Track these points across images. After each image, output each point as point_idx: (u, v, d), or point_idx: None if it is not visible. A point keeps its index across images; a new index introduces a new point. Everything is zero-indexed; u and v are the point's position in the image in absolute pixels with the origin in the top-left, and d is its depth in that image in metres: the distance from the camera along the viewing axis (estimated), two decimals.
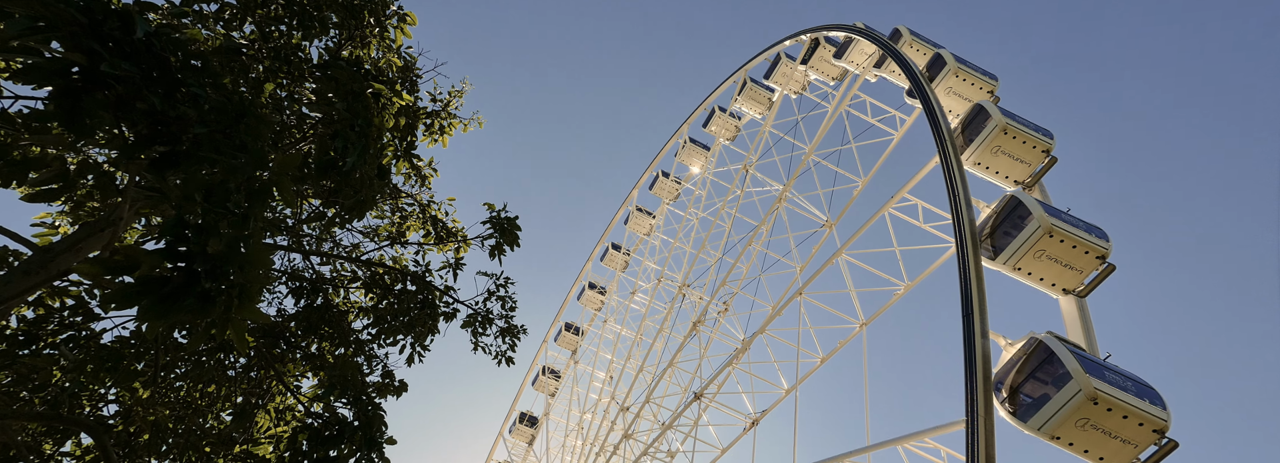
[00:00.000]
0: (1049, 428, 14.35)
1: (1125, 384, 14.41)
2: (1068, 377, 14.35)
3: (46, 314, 7.00)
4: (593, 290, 60.43)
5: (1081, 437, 14.24)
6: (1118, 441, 14.10)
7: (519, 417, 61.11)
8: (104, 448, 6.78)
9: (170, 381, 9.19)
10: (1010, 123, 20.66)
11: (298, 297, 10.66)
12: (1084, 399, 13.84)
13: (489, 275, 10.33)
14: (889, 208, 27.16)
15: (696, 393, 37.13)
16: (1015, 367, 15.76)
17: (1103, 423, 14.01)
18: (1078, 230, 17.60)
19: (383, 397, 10.73)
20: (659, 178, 54.96)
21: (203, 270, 4.83)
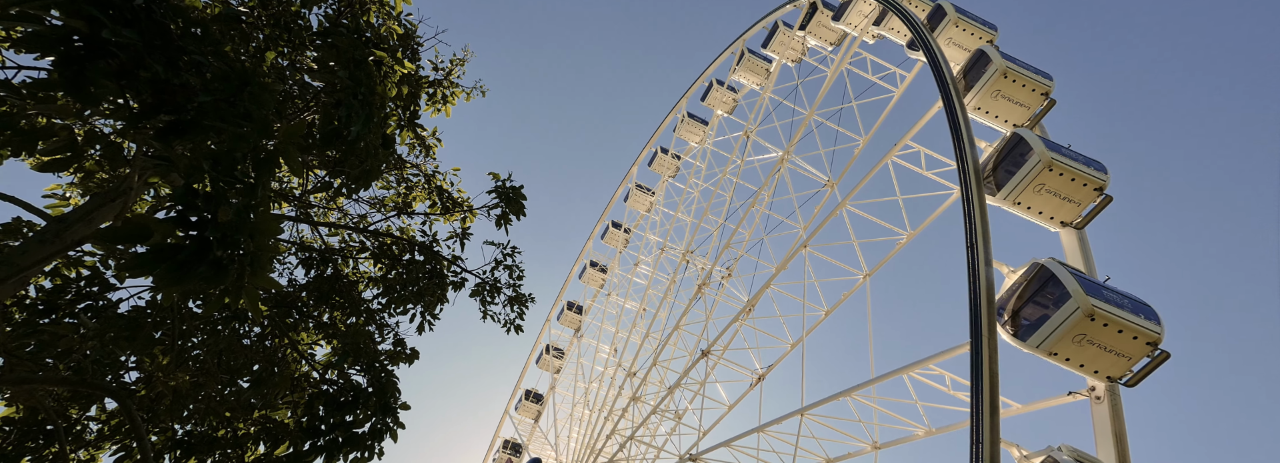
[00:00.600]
0: (1047, 345, 15.09)
1: (1121, 302, 15.15)
2: (1067, 296, 15.05)
3: (64, 284, 7.14)
4: (594, 269, 60.73)
5: (1078, 352, 14.99)
6: (1112, 354, 14.85)
7: (525, 394, 62.18)
8: (129, 412, 7.01)
9: (188, 349, 9.41)
10: (1010, 66, 20.96)
11: (308, 267, 10.80)
12: (1082, 316, 14.57)
13: (496, 245, 10.42)
14: (892, 156, 27.43)
15: (704, 350, 37.64)
16: (1017, 292, 16.47)
17: (1099, 338, 14.74)
18: (1077, 163, 18.13)
19: (395, 364, 10.96)
20: (657, 154, 54.66)
21: (214, 239, 4.91)
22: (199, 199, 4.85)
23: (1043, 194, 18.27)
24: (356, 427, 9.44)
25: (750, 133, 41.97)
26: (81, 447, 8.04)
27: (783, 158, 36.64)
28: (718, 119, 48.78)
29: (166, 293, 6.16)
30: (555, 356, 62.30)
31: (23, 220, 6.35)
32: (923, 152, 27.13)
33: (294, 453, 9.27)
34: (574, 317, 61.38)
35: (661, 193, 55.64)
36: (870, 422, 27.08)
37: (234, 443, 9.72)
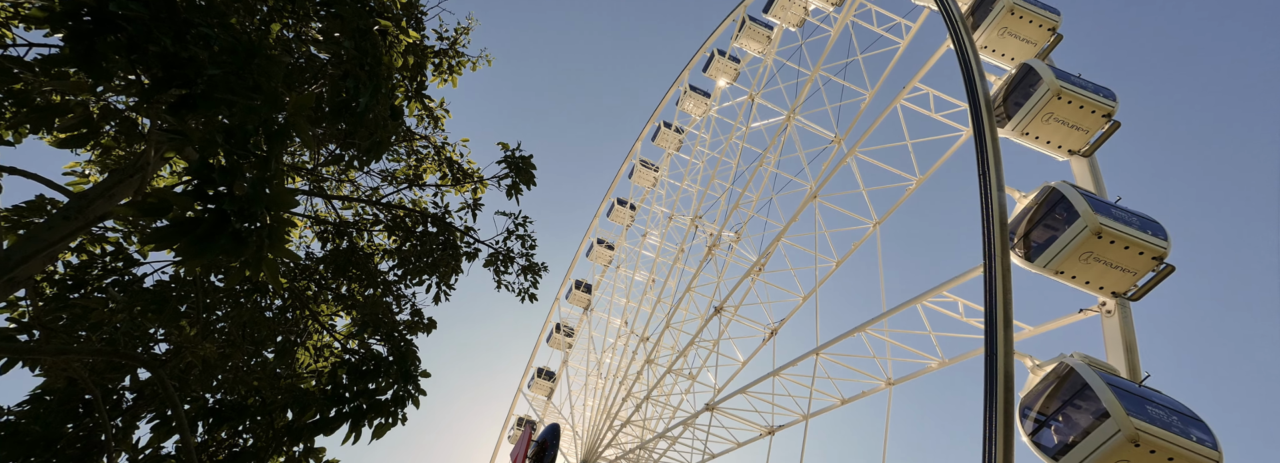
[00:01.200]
0: (1055, 263, 15.63)
1: (1129, 219, 15.59)
2: (1076, 215, 15.51)
3: (90, 260, 7.34)
4: (601, 246, 60.90)
5: (1085, 269, 15.54)
6: (1118, 270, 15.40)
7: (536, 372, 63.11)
8: (161, 382, 7.28)
9: (212, 321, 9.68)
10: (1017, 2, 21.05)
11: (324, 240, 10.98)
12: (1090, 234, 15.04)
13: (507, 215, 10.51)
14: (901, 99, 27.39)
15: (716, 307, 38.01)
16: (1028, 215, 16.96)
17: (1105, 255, 15.22)
18: (1086, 91, 18.30)
19: (413, 334, 11.21)
20: (660, 129, 54.19)
21: (232, 212, 5.01)
22: (215, 173, 4.93)
23: (1052, 123, 18.56)
24: (379, 394, 9.72)
25: (755, 97, 41.45)
26: (118, 415, 8.38)
27: (788, 117, 36.30)
28: (720, 90, 48.16)
29: (189, 265, 6.33)
30: (565, 334, 63.02)
31: (46, 198, 6.50)
32: (931, 94, 27.03)
33: (321, 419, 9.59)
34: (582, 296, 61.85)
35: (666, 168, 55.36)
36: (884, 357, 27.54)
37: (263, 410, 10.05)
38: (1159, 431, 12.94)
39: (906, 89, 26.96)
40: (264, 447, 9.71)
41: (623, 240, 59.43)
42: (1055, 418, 14.45)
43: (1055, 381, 14.63)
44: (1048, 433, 14.57)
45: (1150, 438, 12.78)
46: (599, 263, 61.23)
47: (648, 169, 56.47)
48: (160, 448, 8.95)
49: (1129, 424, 12.81)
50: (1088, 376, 13.87)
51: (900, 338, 26.81)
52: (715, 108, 48.68)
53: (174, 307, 8.22)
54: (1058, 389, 14.53)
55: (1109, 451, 13.02)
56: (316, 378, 10.80)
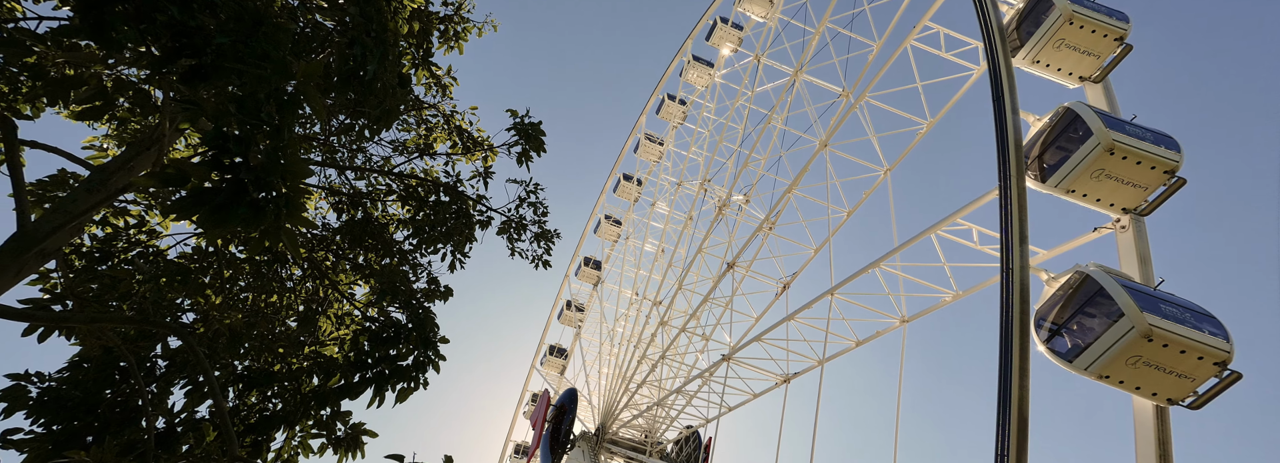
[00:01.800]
0: (1067, 182, 15.99)
1: (1143, 134, 15.80)
2: (1090, 133, 15.77)
3: (115, 233, 7.52)
4: (609, 222, 60.95)
5: (1096, 187, 15.88)
6: (1130, 186, 15.72)
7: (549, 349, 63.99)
8: (191, 349, 7.53)
9: (236, 292, 9.93)
10: None
11: (339, 211, 11.13)
12: (1103, 150, 15.33)
13: (518, 182, 10.56)
14: (911, 39, 27.15)
15: (728, 263, 38.31)
16: (1041, 137, 17.28)
17: (1117, 171, 15.52)
18: (1098, 14, 18.41)
19: (431, 301, 11.43)
20: (664, 102, 53.49)
21: (248, 181, 5.10)
22: (230, 143, 5.00)
23: (1063, 50, 18.61)
24: (401, 360, 9.98)
25: (760, 57, 40.73)
26: (153, 382, 8.71)
27: (795, 73, 35.77)
28: (724, 58, 47.36)
29: (211, 236, 6.48)
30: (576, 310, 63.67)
31: (67, 172, 6.64)
32: (941, 32, 26.71)
33: (346, 385, 9.89)
34: (592, 272, 62.27)
35: (671, 141, 54.92)
36: (898, 294, 27.84)
37: (289, 377, 10.38)
38: (1172, 325, 13.21)
39: (917, 28, 26.74)
40: (293, 411, 10.06)
41: (630, 214, 59.51)
42: (1070, 324, 14.78)
43: (1070, 289, 14.92)
44: (1062, 340, 14.91)
45: (1163, 333, 13.05)
46: (607, 240, 61.48)
47: (653, 144, 56.06)
48: (195, 412, 9.33)
49: (1142, 320, 13.06)
50: (1102, 279, 14.14)
51: (914, 272, 27.04)
52: (719, 74, 47.95)
53: (198, 278, 8.44)
54: (1073, 296, 14.84)
55: (1123, 347, 13.33)
56: (339, 345, 11.11)
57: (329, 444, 10.07)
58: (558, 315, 65.04)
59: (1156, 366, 13.31)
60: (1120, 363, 13.47)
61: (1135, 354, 13.32)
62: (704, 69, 49.98)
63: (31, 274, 5.58)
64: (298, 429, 10.11)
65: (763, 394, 38.33)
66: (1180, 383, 13.41)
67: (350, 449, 10.09)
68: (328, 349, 11.02)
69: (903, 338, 28.13)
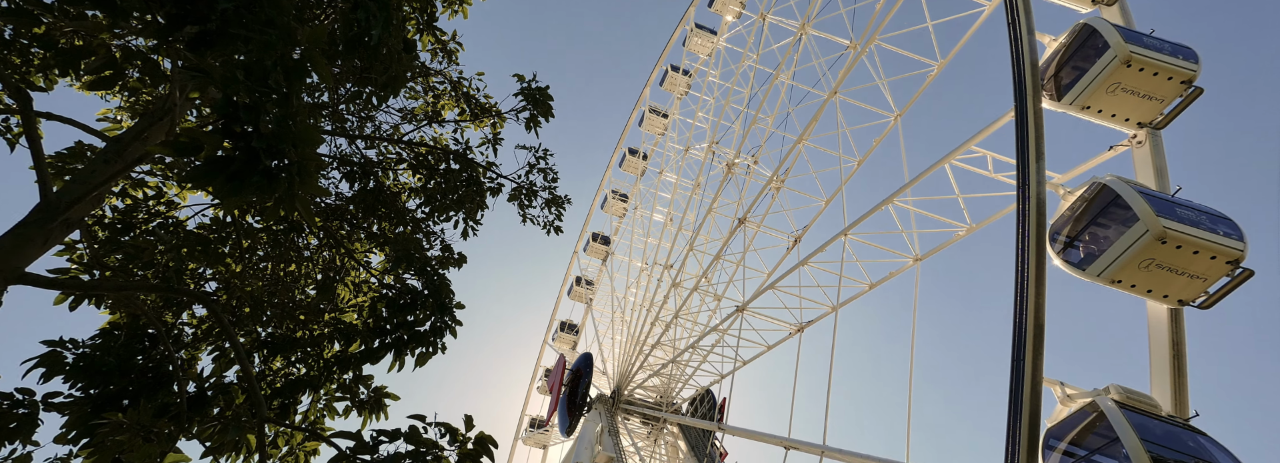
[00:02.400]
0: (1083, 99, 16.12)
1: (1160, 45, 15.87)
2: (1106, 46, 15.79)
3: (135, 204, 7.67)
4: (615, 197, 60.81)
5: (1112, 102, 16.00)
6: (1146, 99, 15.83)
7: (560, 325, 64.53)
8: (216, 316, 7.77)
9: (255, 261, 10.16)
10: None
11: (351, 180, 11.23)
12: (1119, 64, 15.39)
13: (528, 149, 10.57)
14: None
15: (740, 218, 38.48)
16: (1057, 56, 17.29)
17: (1134, 84, 15.62)
18: None
19: (445, 268, 11.62)
20: (668, 73, 52.64)
21: (260, 149, 5.16)
22: (240, 111, 5.05)
23: None
24: (418, 325, 10.21)
25: (766, 15, 39.85)
26: (181, 348, 9.02)
27: (801, 28, 35.06)
28: (727, 24, 46.38)
29: (227, 206, 6.60)
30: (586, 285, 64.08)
31: (84, 144, 6.74)
32: None
33: (366, 350, 10.17)
34: (600, 248, 62.47)
35: (676, 111, 54.31)
36: (911, 231, 27.91)
37: (311, 343, 10.69)
38: (1185, 227, 13.39)
39: None
40: (317, 376, 10.39)
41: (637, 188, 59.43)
42: (1085, 234, 15.03)
43: (1086, 200, 15.13)
44: (1076, 251, 15.15)
45: (1176, 234, 13.23)
46: (614, 215, 61.55)
47: (657, 116, 55.49)
48: (223, 377, 9.67)
49: (1156, 223, 13.27)
50: (1118, 187, 14.33)
51: (928, 207, 27.01)
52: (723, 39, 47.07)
53: (217, 247, 8.64)
54: (1089, 206, 15.04)
55: (1137, 250, 13.58)
56: (358, 312, 11.38)
57: (353, 407, 10.43)
58: (567, 292, 65.57)
59: (1169, 268, 13.52)
60: (1133, 267, 13.69)
61: (1149, 257, 13.51)
62: (707, 37, 49.14)
63: (57, 244, 5.76)
64: (322, 393, 10.46)
65: (777, 345, 38.73)
66: (1192, 284, 13.66)
67: (374, 411, 10.45)
68: (347, 316, 11.30)
69: (916, 277, 28.17)
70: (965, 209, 25.61)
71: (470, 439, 6.90)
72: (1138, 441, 12.23)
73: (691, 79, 52.88)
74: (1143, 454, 11.79)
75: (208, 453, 8.24)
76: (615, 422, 45.47)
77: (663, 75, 53.50)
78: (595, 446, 39.91)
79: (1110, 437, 12.81)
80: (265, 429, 8.34)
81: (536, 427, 62.72)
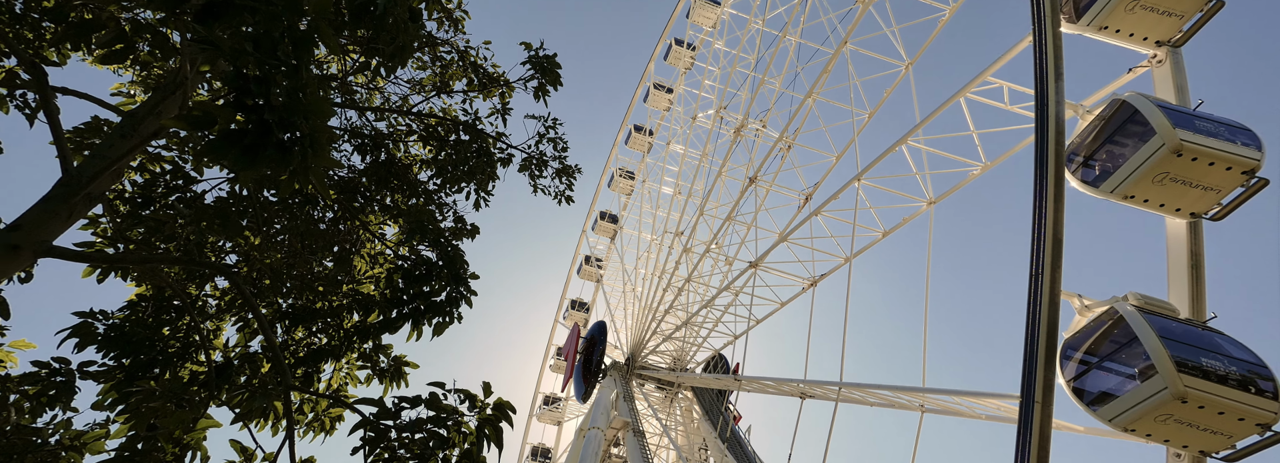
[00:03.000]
0: (1101, 18, 16.00)
1: None
2: None
3: (153, 178, 7.80)
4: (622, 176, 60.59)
5: (1131, 21, 15.85)
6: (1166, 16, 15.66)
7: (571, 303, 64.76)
8: (238, 287, 7.97)
9: (273, 234, 10.32)
10: None
11: (362, 153, 11.29)
12: None
13: (537, 118, 10.52)
14: None
15: (750, 177, 38.42)
16: None
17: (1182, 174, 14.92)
18: None
19: (459, 239, 11.75)
20: (671, 47, 51.65)
21: (273, 121, 5.21)
22: (250, 83, 5.08)
23: None
24: (434, 296, 10.39)
25: None
26: (206, 319, 9.28)
27: None
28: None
29: (243, 179, 6.69)
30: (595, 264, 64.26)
31: (100, 119, 6.82)
32: None
33: (385, 320, 10.40)
34: (609, 226, 62.46)
35: (681, 85, 53.53)
36: (925, 172, 27.80)
37: (331, 313, 10.93)
38: (1202, 138, 13.43)
39: None
40: (338, 345, 10.66)
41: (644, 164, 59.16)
42: (1102, 151, 15.12)
43: (1104, 119, 15.15)
44: (1091, 169, 15.31)
45: (1192, 146, 13.26)
46: (622, 193, 61.42)
47: (661, 92, 54.76)
48: (248, 347, 9.95)
49: (1173, 136, 13.31)
50: (1137, 102, 14.28)
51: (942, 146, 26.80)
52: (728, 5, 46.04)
53: (236, 220, 8.78)
54: (1106, 124, 15.09)
55: (1154, 164, 13.70)
56: (375, 283, 11.58)
57: (374, 375, 10.73)
58: (577, 270, 65.85)
59: (1183, 181, 13.60)
60: (1147, 182, 13.78)
61: (1163, 171, 13.53)
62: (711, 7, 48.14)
63: (81, 218, 5.90)
64: (344, 362, 10.76)
65: (790, 301, 38.85)
66: (1205, 196, 13.77)
67: (394, 379, 10.75)
68: (364, 287, 11.51)
69: (930, 220, 28.09)
70: (980, 146, 25.32)
71: (489, 405, 7.08)
72: (1157, 339, 12.34)
73: (696, 52, 52.07)
74: (1162, 351, 11.93)
75: (237, 419, 8.56)
76: (630, 388, 46.31)
77: (667, 49, 52.69)
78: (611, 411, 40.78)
79: (1129, 338, 12.91)
80: (291, 396, 8.61)
81: (550, 404, 63.80)
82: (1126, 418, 12.62)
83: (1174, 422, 12.23)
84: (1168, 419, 12.22)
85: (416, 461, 6.84)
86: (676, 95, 54.28)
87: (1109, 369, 13.45)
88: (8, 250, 5.02)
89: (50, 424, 6.79)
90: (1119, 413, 12.76)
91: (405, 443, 6.95)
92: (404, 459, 6.94)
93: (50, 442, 6.57)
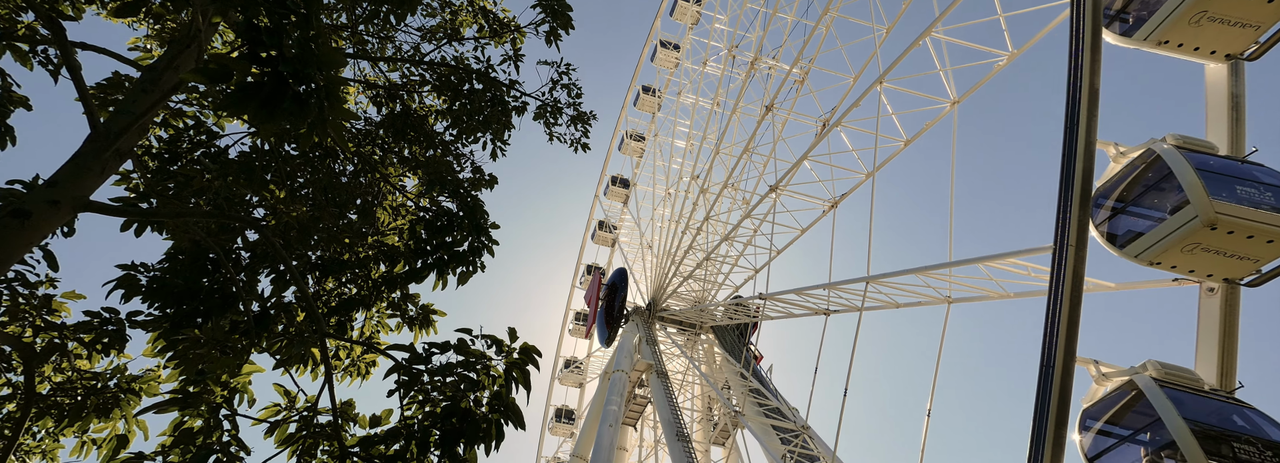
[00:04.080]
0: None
1: None
2: None
3: (178, 134, 7.94)
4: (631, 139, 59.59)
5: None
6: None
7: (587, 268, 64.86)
8: (268, 240, 8.22)
9: (297, 188, 10.52)
10: None
11: (377, 105, 11.30)
12: None
13: (550, 64, 10.37)
14: None
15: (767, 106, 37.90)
16: None
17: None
18: None
19: (477, 190, 11.88)
20: (677, 3, 49.46)
21: (288, 73, 5.23)
22: (262, 34, 5.07)
23: None
24: (456, 246, 10.62)
25: None
26: (241, 271, 9.62)
27: None
28: None
29: (264, 132, 6.79)
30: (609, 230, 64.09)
31: (121, 74, 6.89)
32: None
33: (410, 270, 10.70)
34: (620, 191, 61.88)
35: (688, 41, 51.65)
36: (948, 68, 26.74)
37: (358, 265, 11.26)
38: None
39: None
40: (367, 295, 11.04)
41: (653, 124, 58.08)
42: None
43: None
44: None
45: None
46: (633, 155, 60.65)
47: (668, 50, 52.98)
48: (282, 297, 10.35)
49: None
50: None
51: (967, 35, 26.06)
52: None
53: (260, 175, 8.96)
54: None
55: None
56: (398, 234, 11.84)
57: (404, 323, 11.14)
58: (592, 236, 65.83)
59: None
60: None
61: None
62: None
63: (114, 174, 6.07)
64: (374, 311, 11.16)
65: (811, 226, 38.66)
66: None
67: (423, 327, 11.16)
68: (389, 239, 11.78)
69: (954, 121, 27.35)
70: (1007, 31, 24.18)
71: (515, 350, 7.34)
72: (1192, 169, 12.14)
73: (701, 6, 50.14)
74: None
75: (279, 365, 9.00)
76: (652, 332, 47.43)
77: (672, 5, 50.78)
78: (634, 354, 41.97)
79: (1163, 174, 12.74)
80: (327, 344, 9.01)
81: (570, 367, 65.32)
82: (1155, 251, 12.60)
83: (1201, 250, 12.19)
84: (1195, 249, 12.18)
85: (449, 402, 7.16)
86: (684, 53, 52.72)
87: (1140, 208, 13.47)
88: (49, 206, 5.23)
89: (108, 369, 7.23)
90: (1148, 246, 12.73)
91: (437, 386, 7.26)
92: (437, 402, 7.26)
93: (109, 385, 7.02)
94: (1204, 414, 11.98)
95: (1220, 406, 12.50)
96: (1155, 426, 12.07)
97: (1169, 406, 11.88)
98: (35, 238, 5.40)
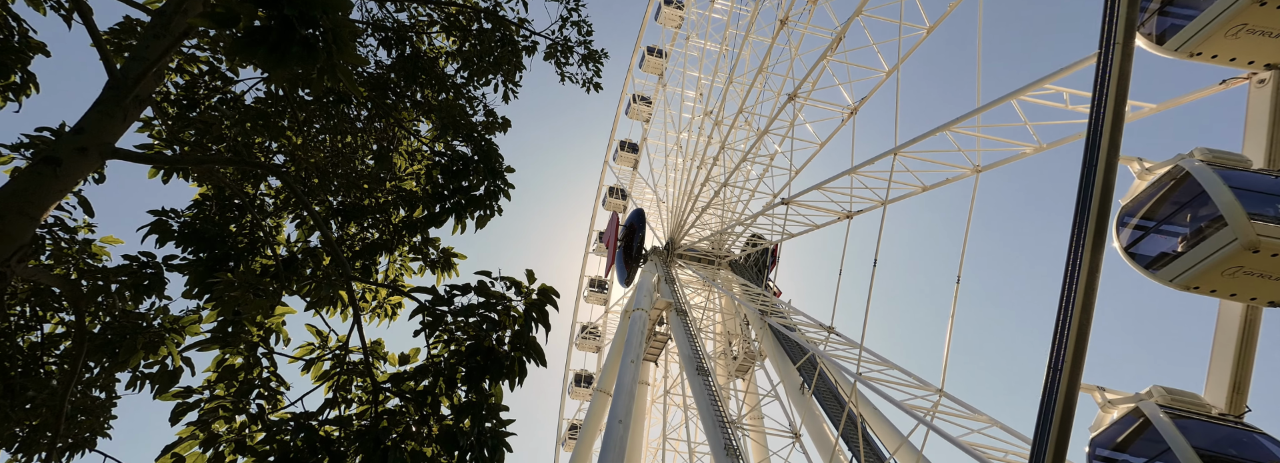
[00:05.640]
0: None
1: None
2: None
3: (193, 80, 7.98)
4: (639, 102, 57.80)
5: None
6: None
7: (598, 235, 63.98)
8: (289, 185, 8.41)
9: (313, 134, 10.61)
10: None
11: (387, 48, 11.16)
12: None
13: (558, 0, 10.10)
14: None
15: (790, 95, 37.14)
16: None
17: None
18: None
19: (491, 133, 11.87)
20: None
21: (293, 17, 5.19)
22: None
23: None
24: (473, 190, 10.74)
25: None
26: (266, 217, 9.90)
27: None
28: None
29: (275, 78, 6.80)
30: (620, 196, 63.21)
31: (132, 18, 6.88)
32: None
33: (429, 215, 10.90)
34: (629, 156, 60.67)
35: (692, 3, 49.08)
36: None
37: (378, 209, 11.48)
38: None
39: None
40: (389, 239, 11.32)
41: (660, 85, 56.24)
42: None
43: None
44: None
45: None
46: (640, 119, 59.09)
47: (671, 8, 50.45)
48: (308, 242, 10.67)
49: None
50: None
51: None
52: None
53: (276, 121, 9.04)
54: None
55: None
56: (416, 179, 11.98)
57: (426, 266, 11.46)
58: (603, 203, 64.97)
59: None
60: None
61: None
62: None
63: (135, 121, 6.19)
64: (397, 255, 11.47)
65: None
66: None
67: (444, 269, 11.47)
68: (406, 184, 11.93)
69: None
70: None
71: (534, 290, 7.57)
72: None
73: None
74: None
75: (309, 306, 9.40)
76: (671, 271, 48.09)
77: None
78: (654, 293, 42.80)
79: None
80: (353, 286, 9.35)
81: (595, 286, 66.42)
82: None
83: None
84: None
85: (473, 341, 7.48)
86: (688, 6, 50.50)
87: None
88: (78, 153, 5.39)
89: (150, 310, 7.64)
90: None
91: (461, 326, 7.57)
92: (462, 341, 7.59)
93: (153, 325, 7.44)
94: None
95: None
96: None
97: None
98: (67, 185, 5.60)
